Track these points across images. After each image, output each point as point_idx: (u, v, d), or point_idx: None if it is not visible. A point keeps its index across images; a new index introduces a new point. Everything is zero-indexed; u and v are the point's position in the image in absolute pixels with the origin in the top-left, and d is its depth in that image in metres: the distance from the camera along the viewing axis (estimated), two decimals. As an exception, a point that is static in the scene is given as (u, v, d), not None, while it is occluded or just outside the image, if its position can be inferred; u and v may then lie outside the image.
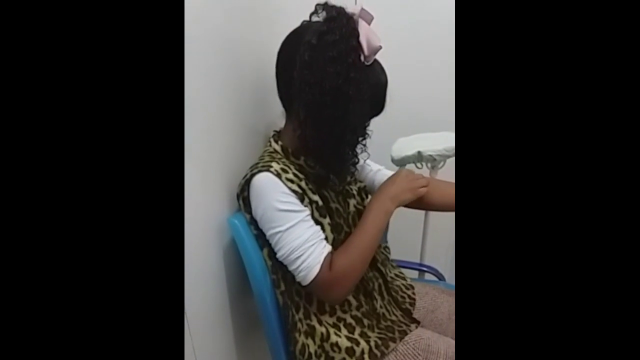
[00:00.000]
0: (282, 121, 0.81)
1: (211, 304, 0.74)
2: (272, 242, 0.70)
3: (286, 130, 0.79)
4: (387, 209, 0.76)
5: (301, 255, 0.67)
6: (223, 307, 0.78)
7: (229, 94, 0.76)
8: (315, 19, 0.70)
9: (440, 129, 1.22)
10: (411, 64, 1.38)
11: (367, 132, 0.76)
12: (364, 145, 0.77)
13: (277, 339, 0.78)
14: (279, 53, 0.75)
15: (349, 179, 0.84)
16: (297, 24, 0.74)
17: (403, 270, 1.02)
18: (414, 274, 1.18)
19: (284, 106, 0.78)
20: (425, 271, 1.20)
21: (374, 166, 0.96)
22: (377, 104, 0.75)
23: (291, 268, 0.70)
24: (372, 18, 0.68)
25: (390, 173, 0.95)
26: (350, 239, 0.73)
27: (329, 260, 0.69)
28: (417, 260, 1.29)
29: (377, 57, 0.72)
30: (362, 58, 0.67)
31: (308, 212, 0.71)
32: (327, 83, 0.65)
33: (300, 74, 0.67)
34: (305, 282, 0.69)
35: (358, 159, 0.78)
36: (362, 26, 0.67)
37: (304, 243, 0.68)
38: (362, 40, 0.66)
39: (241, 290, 0.83)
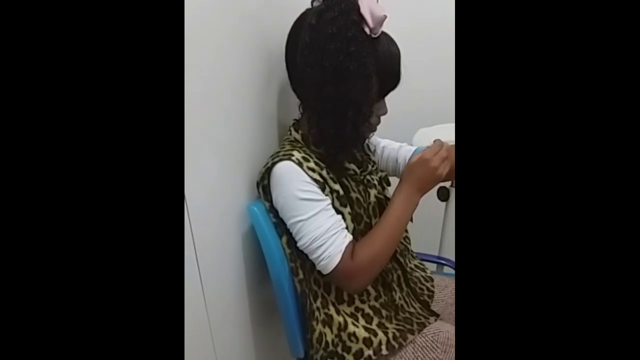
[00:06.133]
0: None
1: (229, 291, 0.74)
2: (293, 231, 0.70)
3: (304, 119, 0.78)
4: (412, 200, 0.73)
5: (323, 244, 0.67)
6: (241, 294, 0.79)
7: (249, 82, 0.76)
8: (316, 4, 0.69)
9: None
10: (434, 52, 1.35)
11: (374, 109, 0.72)
12: (370, 123, 0.73)
13: (295, 326, 0.78)
14: (286, 44, 0.74)
15: (370, 168, 0.82)
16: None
17: (421, 262, 1.00)
18: (432, 267, 1.16)
19: (297, 96, 0.77)
20: (443, 264, 1.19)
21: (395, 144, 0.94)
22: (391, 77, 0.72)
23: (312, 257, 0.69)
24: None
25: (413, 148, 0.92)
26: (374, 230, 0.72)
27: (351, 250, 0.69)
28: (436, 253, 1.27)
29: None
30: (367, 31, 0.65)
31: (329, 201, 0.70)
32: (328, 60, 0.64)
33: (302, 56, 0.67)
34: (326, 271, 0.68)
35: (363, 140, 0.74)
36: None
37: (326, 232, 0.67)
38: (365, 12, 0.64)
39: (259, 278, 0.83)
